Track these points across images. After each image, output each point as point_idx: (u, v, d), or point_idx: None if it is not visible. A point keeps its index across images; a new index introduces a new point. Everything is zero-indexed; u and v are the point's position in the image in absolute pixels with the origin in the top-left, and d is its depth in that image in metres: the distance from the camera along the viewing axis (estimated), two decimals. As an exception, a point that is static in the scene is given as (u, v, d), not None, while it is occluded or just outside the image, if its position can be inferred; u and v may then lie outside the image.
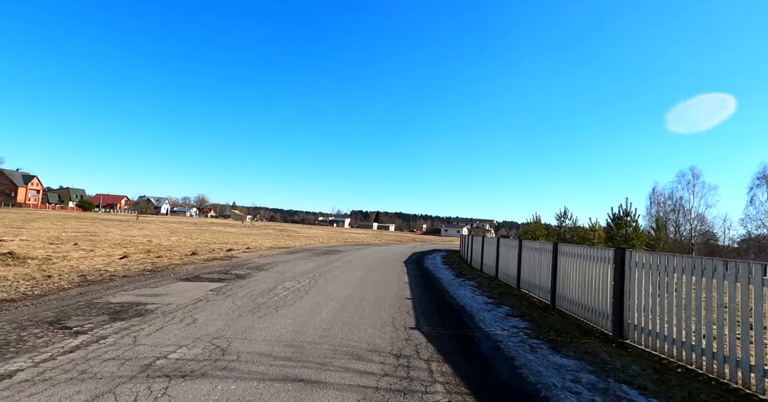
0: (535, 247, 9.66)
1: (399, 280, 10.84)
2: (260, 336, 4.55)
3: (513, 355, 4.62)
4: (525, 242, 10.59)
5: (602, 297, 6.22)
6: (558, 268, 8.07)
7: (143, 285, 7.20)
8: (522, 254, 10.60)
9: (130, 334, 4.16)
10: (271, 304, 6.26)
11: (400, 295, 8.31)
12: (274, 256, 15.46)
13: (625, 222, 13.21)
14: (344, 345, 4.50)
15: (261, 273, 9.92)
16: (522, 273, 10.46)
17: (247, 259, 13.44)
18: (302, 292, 7.60)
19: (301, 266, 12.05)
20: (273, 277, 9.28)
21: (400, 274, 12.10)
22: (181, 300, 6.07)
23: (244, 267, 10.92)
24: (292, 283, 8.68)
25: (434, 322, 6.07)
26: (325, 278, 9.84)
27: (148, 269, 9.42)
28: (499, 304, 8.17)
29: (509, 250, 11.89)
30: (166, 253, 15.00)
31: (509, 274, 11.71)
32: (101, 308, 5.29)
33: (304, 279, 9.41)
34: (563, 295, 7.74)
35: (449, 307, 7.49)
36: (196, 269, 9.90)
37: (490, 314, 7.09)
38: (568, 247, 7.70)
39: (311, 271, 11.13)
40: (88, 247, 14.93)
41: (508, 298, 8.99)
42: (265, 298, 6.67)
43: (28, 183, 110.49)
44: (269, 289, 7.62)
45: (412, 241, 49.75)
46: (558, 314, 7.53)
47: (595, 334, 6.02)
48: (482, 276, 13.73)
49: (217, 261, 12.25)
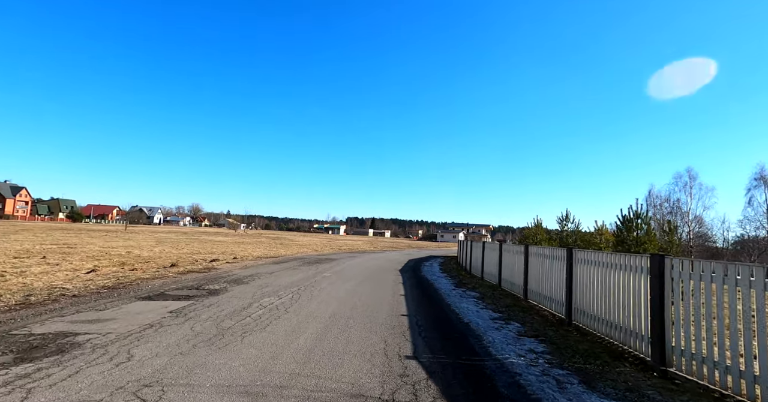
0: (544, 253, 8.67)
1: (394, 291, 9.80)
2: (211, 378, 3.49)
3: (539, 396, 3.59)
4: (532, 248, 9.61)
5: (634, 313, 5.22)
6: (574, 278, 7.08)
7: (90, 307, 6.10)
8: (529, 262, 9.61)
9: (25, 386, 3.07)
10: (238, 329, 5.19)
11: (395, 311, 7.27)
12: (259, 266, 14.35)
13: (636, 224, 12.30)
14: (321, 388, 3.45)
15: (238, 287, 8.84)
16: (530, 282, 9.46)
17: (228, 270, 12.33)
18: (281, 311, 6.53)
19: (286, 278, 10.97)
20: (251, 293, 8.20)
21: (395, 285, 11.05)
22: (126, 327, 4.98)
23: (222, 280, 9.82)
24: (272, 299, 7.61)
25: (435, 348, 5.04)
26: (311, 292, 8.77)
27: (108, 286, 8.31)
28: (507, 320, 7.15)
29: (514, 257, 10.91)
30: (143, 265, 13.85)
31: (514, 283, 10.71)
32: (14, 343, 4.19)
33: (286, 294, 8.35)
34: (581, 308, 6.73)
35: (451, 325, 6.47)
36: (165, 284, 8.79)
37: (500, 334, 6.07)
38: (586, 254, 6.72)
39: (297, 283, 10.06)
40: (56, 260, 13.75)
41: (517, 312, 7.98)
42: (233, 321, 5.60)
43: (16, 194, 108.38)
44: (242, 308, 6.55)
45: (408, 248, 48.68)
46: (576, 331, 6.53)
47: (627, 358, 5.01)
48: (484, 285, 12.72)
49: (194, 274, 11.14)
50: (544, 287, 8.55)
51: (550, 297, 8.12)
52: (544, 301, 8.45)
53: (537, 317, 7.58)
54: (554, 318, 7.57)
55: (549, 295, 8.21)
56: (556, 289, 7.83)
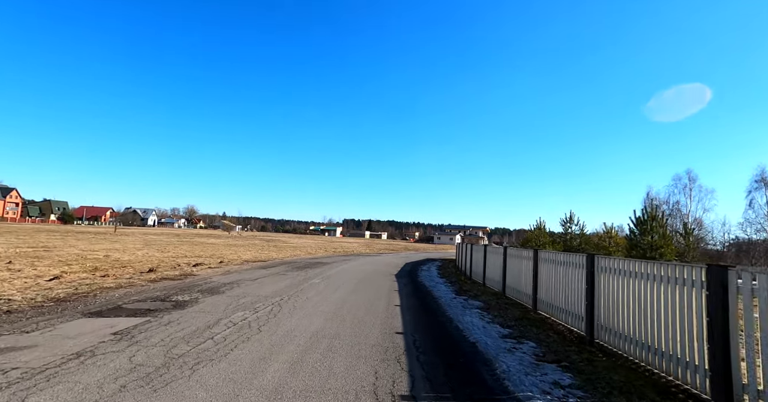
0: (558, 260, 7.69)
1: (388, 301, 8.78)
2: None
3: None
4: (543, 253, 8.63)
5: (683, 337, 4.23)
6: (597, 290, 6.09)
7: (15, 328, 5.00)
8: (539, 268, 8.62)
9: None
10: (191, 358, 4.15)
11: (389, 327, 6.26)
12: (243, 272, 13.29)
13: (651, 227, 11.37)
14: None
15: (211, 298, 7.79)
16: (540, 292, 8.47)
17: (207, 277, 11.26)
18: (252, 330, 5.50)
19: (269, 286, 9.92)
20: (223, 305, 7.16)
21: (390, 294, 10.03)
22: (44, 358, 3.91)
23: (195, 289, 8.76)
24: (246, 313, 6.56)
25: (438, 380, 4.03)
26: (294, 303, 7.74)
27: (59, 297, 7.23)
28: (519, 338, 6.14)
29: (521, 263, 9.92)
30: (117, 270, 12.77)
31: (521, 291, 9.72)
32: None
33: (265, 306, 7.31)
34: (607, 326, 5.75)
35: (455, 346, 5.46)
36: (127, 295, 7.72)
37: (514, 358, 5.06)
38: (612, 262, 5.73)
39: (280, 292, 9.02)
40: (22, 266, 12.63)
41: (528, 327, 6.99)
42: (189, 346, 4.56)
43: (6, 196, 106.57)
44: (206, 327, 5.51)
45: (404, 250, 47.66)
46: (601, 352, 5.53)
47: (678, 395, 4.02)
48: (487, 292, 11.73)
49: (167, 281, 10.07)
50: (557, 298, 7.56)
51: (566, 309, 7.13)
52: (558, 314, 7.47)
53: (552, 334, 6.58)
54: (572, 335, 6.58)
55: (564, 308, 7.22)
56: (574, 301, 6.85)
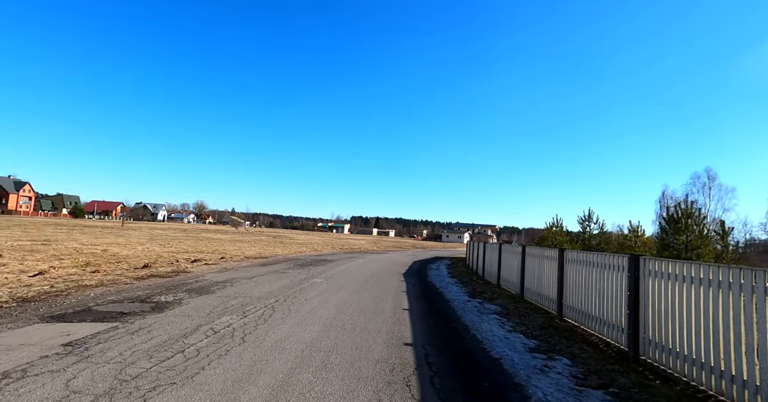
0: (589, 261, 6.72)
1: (396, 304, 7.92)
2: None
3: None
4: (570, 253, 7.67)
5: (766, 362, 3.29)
6: (643, 299, 5.14)
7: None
8: (566, 270, 7.67)
9: None
10: (147, 380, 3.32)
11: (397, 337, 5.39)
12: (241, 269, 12.52)
13: (686, 225, 10.31)
14: None
15: (197, 299, 6.99)
16: (567, 297, 7.52)
17: (201, 274, 10.50)
18: (235, 340, 4.67)
19: (265, 286, 9.11)
20: (209, 307, 6.35)
21: (397, 295, 9.16)
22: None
23: (183, 288, 7.98)
24: (232, 318, 5.74)
25: (458, 415, 3.14)
26: (289, 306, 6.90)
27: (26, 297, 6.48)
28: (549, 353, 5.22)
29: (543, 264, 8.96)
30: (110, 266, 12.10)
31: (543, 295, 8.77)
32: None
33: (256, 309, 6.48)
34: (657, 340, 4.80)
35: (477, 364, 4.56)
36: (105, 294, 6.96)
37: (549, 381, 4.15)
38: (667, 265, 4.77)
39: (276, 293, 8.20)
40: (11, 259, 12.03)
41: (556, 338, 6.06)
42: (152, 362, 3.74)
43: (19, 190, 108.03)
44: (181, 335, 4.69)
45: (412, 248, 46.76)
46: (652, 373, 4.59)
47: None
48: (502, 295, 10.80)
49: (156, 279, 9.31)
50: (589, 305, 6.61)
51: (600, 318, 6.18)
52: (590, 323, 6.52)
53: (586, 347, 5.65)
54: (610, 349, 5.63)
55: (598, 316, 6.27)
56: (611, 310, 5.90)
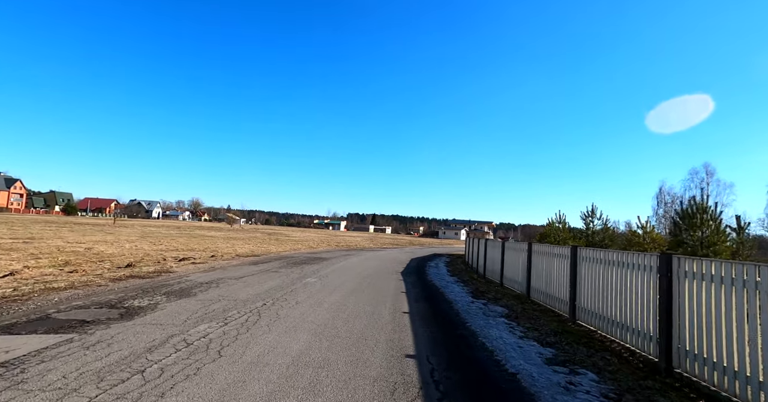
0: (609, 259, 6.10)
1: (395, 307, 7.28)
2: None
3: None
4: (584, 251, 7.04)
5: None
6: (677, 302, 4.52)
7: None
8: (579, 270, 7.06)
9: None
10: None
11: (397, 347, 4.75)
12: (231, 268, 11.83)
13: (701, 220, 9.73)
14: None
15: (176, 303, 6.31)
16: (581, 298, 6.91)
17: (185, 274, 9.81)
18: (210, 354, 4.00)
19: (254, 287, 8.44)
20: (187, 313, 5.67)
21: (396, 296, 8.53)
22: None
23: (162, 291, 7.29)
24: (211, 326, 5.07)
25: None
26: (278, 310, 6.24)
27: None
28: (571, 365, 4.60)
29: (551, 262, 8.34)
30: (90, 265, 11.38)
31: (553, 296, 8.16)
32: None
33: (240, 314, 5.82)
34: (697, 351, 4.18)
35: (491, 381, 3.93)
36: (72, 298, 6.26)
37: (577, 403, 3.53)
38: (708, 266, 4.13)
39: (264, 295, 7.53)
40: (-17, 258, 11.28)
41: (574, 346, 5.44)
42: (100, 388, 3.05)
43: (10, 187, 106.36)
44: (146, 350, 4.02)
45: (409, 245, 46.16)
46: (692, 390, 3.98)
47: None
48: (507, 294, 10.20)
49: (136, 280, 8.61)
50: (608, 308, 6.00)
51: (623, 324, 5.57)
52: (610, 328, 5.90)
53: (609, 356, 5.03)
54: (636, 358, 5.02)
55: (620, 321, 5.65)
56: (636, 315, 5.29)
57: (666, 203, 47.05)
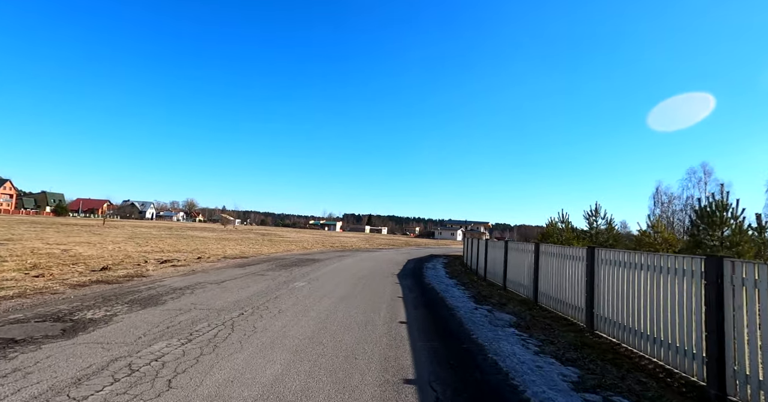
0: (635, 262, 5.31)
1: (390, 316, 6.47)
2: None
3: None
4: (604, 253, 6.25)
5: None
6: (732, 316, 3.75)
7: None
8: (597, 274, 6.28)
9: None
10: None
11: (394, 371, 3.94)
12: (213, 271, 10.97)
13: (722, 219, 9.01)
14: None
15: (137, 314, 5.45)
16: (600, 306, 6.12)
17: (160, 278, 8.93)
18: (156, 387, 3.16)
19: (234, 292, 7.60)
20: (146, 327, 4.83)
21: (391, 303, 7.72)
22: None
23: (126, 299, 6.43)
24: (171, 344, 4.24)
25: None
26: (255, 322, 5.41)
27: None
28: (603, 391, 3.80)
29: (563, 265, 7.56)
30: (62, 269, 10.50)
31: (565, 302, 7.39)
32: None
33: (209, 327, 4.98)
34: (762, 377, 3.41)
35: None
36: (14, 309, 5.37)
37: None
38: None
39: (244, 302, 6.70)
40: (-57, 261, 10.36)
41: (599, 363, 4.66)
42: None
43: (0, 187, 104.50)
44: (74, 380, 3.17)
45: (405, 245, 45.39)
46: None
47: None
48: (512, 298, 9.42)
49: (102, 285, 7.74)
50: (635, 318, 5.22)
51: (656, 338, 4.79)
52: (638, 342, 5.12)
53: (645, 379, 4.24)
54: (675, 381, 4.23)
55: (652, 335, 4.87)
56: (674, 327, 4.51)
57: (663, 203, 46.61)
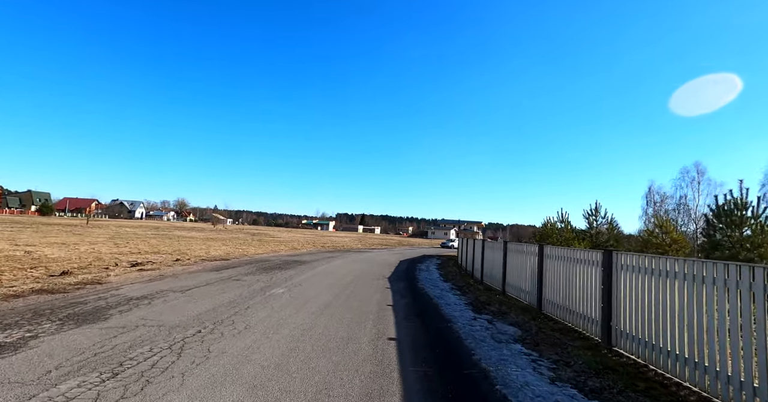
0: (672, 270, 4.45)
1: (378, 331, 5.56)
2: None
3: None
4: (625, 257, 5.39)
5: None
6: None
7: None
8: (618, 282, 5.42)
9: None
10: None
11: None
12: (184, 276, 9.96)
13: (741, 218, 8.23)
14: None
15: (66, 335, 4.47)
16: (620, 320, 5.26)
17: (116, 286, 7.91)
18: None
19: (198, 303, 6.62)
20: (67, 354, 3.86)
21: (380, 313, 6.80)
22: None
23: (62, 313, 5.42)
24: (86, 381, 3.27)
25: None
26: (211, 345, 4.45)
27: None
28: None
29: (572, 270, 6.70)
30: (16, 273, 9.45)
31: (575, 311, 6.53)
32: None
33: (150, 353, 4.03)
34: None
35: None
36: None
37: None
38: None
39: (205, 316, 5.74)
40: None
41: (630, 394, 3.79)
42: None
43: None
44: None
45: (398, 245, 44.53)
46: None
47: None
48: (512, 305, 8.57)
49: (43, 295, 6.70)
50: (669, 337, 4.36)
51: (700, 363, 3.93)
52: (674, 366, 4.26)
53: (690, 417, 3.38)
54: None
55: (691, 359, 4.02)
56: (720, 351, 3.66)
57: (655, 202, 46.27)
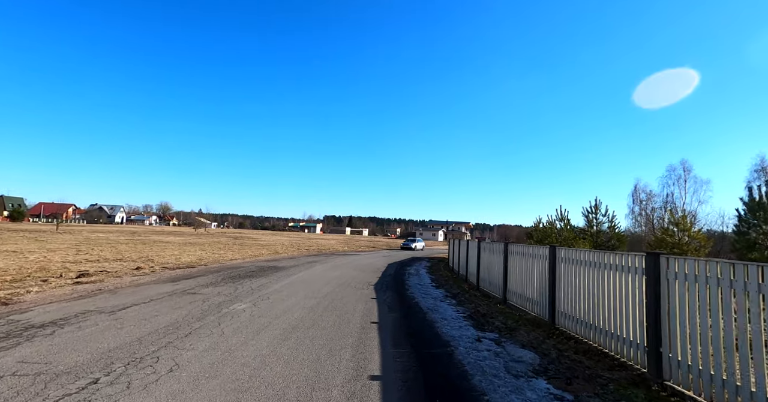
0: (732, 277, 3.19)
1: (356, 365, 4.18)
2: None
3: None
4: (679, 263, 4.11)
5: None
6: None
7: None
8: (671, 295, 4.14)
9: None
10: None
11: None
12: (128, 290, 8.39)
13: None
14: None
15: None
16: (677, 348, 3.97)
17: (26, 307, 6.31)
18: None
19: (125, 329, 5.13)
20: None
21: (361, 335, 5.41)
22: None
23: None
24: None
25: None
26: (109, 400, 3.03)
27: None
28: None
29: (599, 277, 5.42)
30: None
31: (603, 329, 5.24)
32: None
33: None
34: None
35: None
36: None
37: None
38: None
39: (124, 350, 4.27)
40: None
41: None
42: None
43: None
44: None
45: (386, 248, 43.14)
46: None
47: None
48: (519, 319, 7.29)
49: None
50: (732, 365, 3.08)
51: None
52: None
53: None
54: None
55: None
56: None
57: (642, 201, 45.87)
